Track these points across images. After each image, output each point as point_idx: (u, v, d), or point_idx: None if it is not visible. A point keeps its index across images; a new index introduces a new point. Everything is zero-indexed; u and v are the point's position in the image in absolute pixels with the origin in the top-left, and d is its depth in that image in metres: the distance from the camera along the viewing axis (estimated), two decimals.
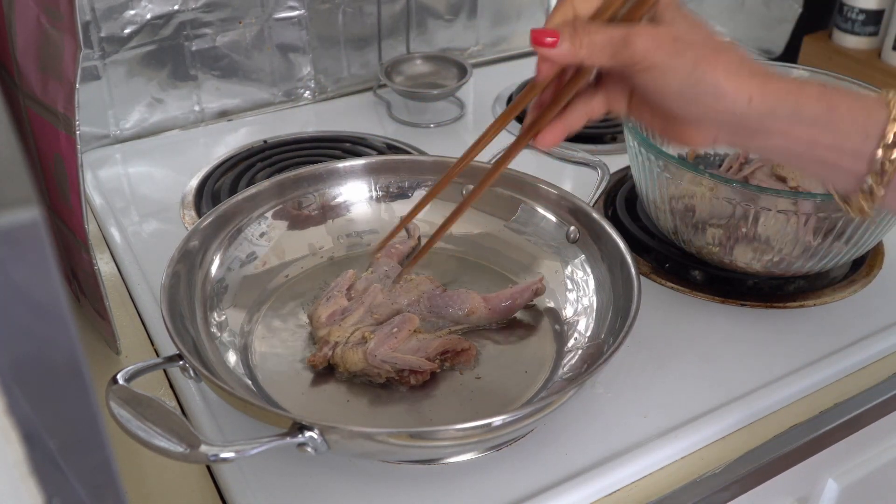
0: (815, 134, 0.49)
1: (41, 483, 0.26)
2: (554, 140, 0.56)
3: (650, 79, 0.49)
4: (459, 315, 0.69)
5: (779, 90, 0.49)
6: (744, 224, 0.72)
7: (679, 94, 0.49)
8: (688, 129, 0.52)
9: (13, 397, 0.25)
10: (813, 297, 0.78)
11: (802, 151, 0.50)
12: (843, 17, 1.18)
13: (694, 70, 0.48)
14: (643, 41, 0.48)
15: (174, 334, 0.59)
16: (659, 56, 0.48)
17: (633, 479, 0.62)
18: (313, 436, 0.52)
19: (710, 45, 0.49)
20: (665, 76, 0.49)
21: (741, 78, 0.48)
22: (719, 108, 0.49)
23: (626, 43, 0.49)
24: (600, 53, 0.49)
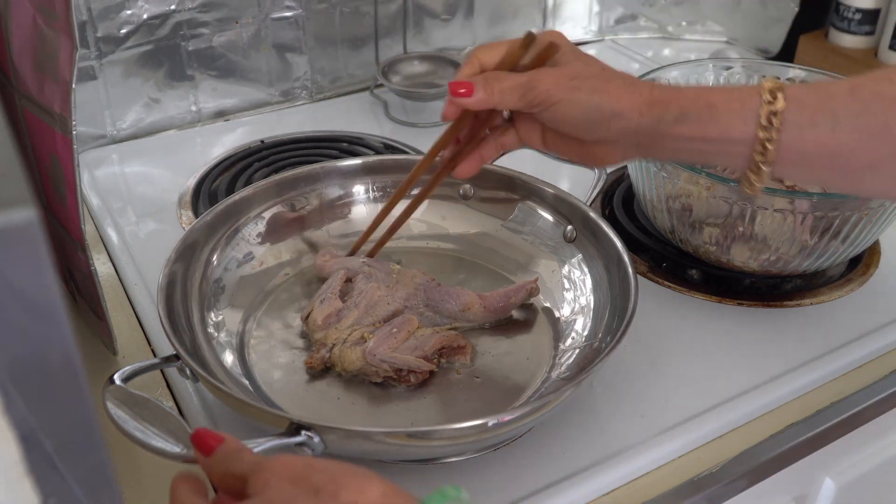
0: (702, 130, 0.55)
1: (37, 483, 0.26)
2: (471, 170, 0.64)
3: (556, 112, 0.56)
4: (455, 311, 0.69)
5: (661, 100, 0.55)
6: (740, 223, 0.72)
7: (583, 121, 0.56)
8: (598, 151, 0.59)
9: (9, 398, 0.25)
10: (809, 295, 0.78)
11: (699, 148, 0.56)
12: (840, 17, 1.18)
13: (590, 99, 0.55)
14: (546, 82, 0.56)
15: (171, 335, 0.59)
16: (561, 93, 0.56)
17: (630, 479, 0.62)
18: (311, 436, 0.52)
19: (603, 76, 0.57)
20: (569, 108, 0.56)
21: (631, 97, 0.55)
22: (618, 126, 0.56)
23: (531, 86, 0.56)
24: (510, 97, 0.57)
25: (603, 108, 0.55)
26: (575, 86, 0.56)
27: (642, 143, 0.57)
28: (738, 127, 0.54)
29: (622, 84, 0.56)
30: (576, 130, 0.57)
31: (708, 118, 0.54)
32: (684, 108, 0.55)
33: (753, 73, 0.88)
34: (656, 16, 1.33)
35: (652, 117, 0.55)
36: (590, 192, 0.78)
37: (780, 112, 0.53)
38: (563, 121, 0.57)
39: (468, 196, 0.80)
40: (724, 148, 0.55)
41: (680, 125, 0.55)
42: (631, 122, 0.55)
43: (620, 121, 0.55)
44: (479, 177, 0.80)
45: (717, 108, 0.54)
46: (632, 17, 1.34)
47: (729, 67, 0.89)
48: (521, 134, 0.62)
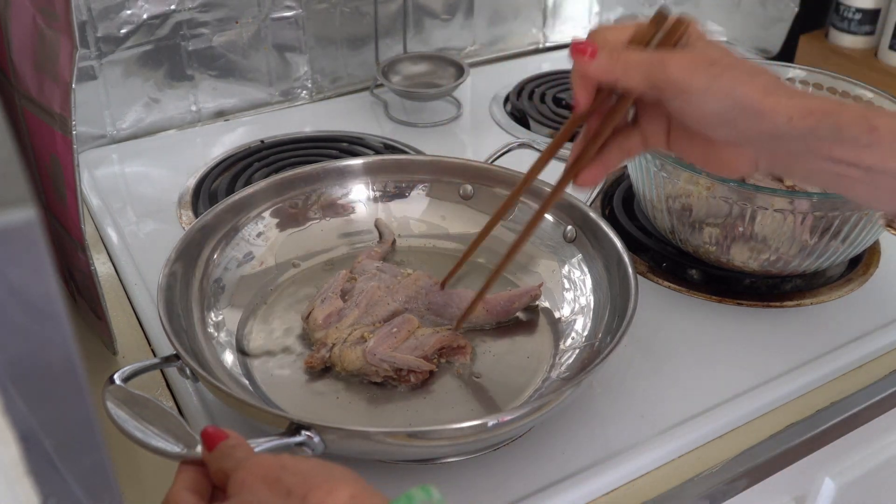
0: (856, 154, 0.48)
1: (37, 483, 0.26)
2: (594, 179, 0.55)
3: (687, 102, 0.49)
4: (458, 314, 0.69)
5: (818, 109, 0.48)
6: (740, 223, 0.72)
7: (718, 116, 0.49)
8: (728, 156, 0.52)
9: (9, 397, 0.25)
10: (809, 295, 0.78)
11: (846, 174, 0.49)
12: (840, 17, 1.18)
13: (732, 91, 0.48)
14: (680, 63, 0.48)
15: (171, 335, 0.59)
16: (696, 79, 0.48)
17: (630, 479, 0.62)
18: (311, 436, 0.52)
19: (746, 67, 0.49)
20: (703, 99, 0.48)
21: (780, 98, 0.48)
22: (759, 128, 0.48)
23: (663, 65, 0.48)
24: (636, 73, 0.49)
25: (746, 103, 0.47)
26: (715, 73, 0.48)
27: (784, 153, 0.50)
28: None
29: (769, 80, 0.48)
30: (708, 127, 0.50)
31: (867, 142, 0.47)
32: (842, 125, 0.47)
33: None
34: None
35: (803, 127, 0.47)
36: (590, 192, 0.78)
37: None
38: (696, 113, 0.49)
39: (468, 196, 0.80)
40: (878, 180, 0.48)
41: (834, 143, 0.48)
42: (777, 126, 0.48)
43: (764, 122, 0.48)
44: (479, 176, 0.80)
45: (879, 131, 0.47)
46: (632, 17, 1.34)
47: None
48: (647, 133, 0.54)
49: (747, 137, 0.49)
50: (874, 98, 0.81)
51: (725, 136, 0.50)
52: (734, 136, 0.50)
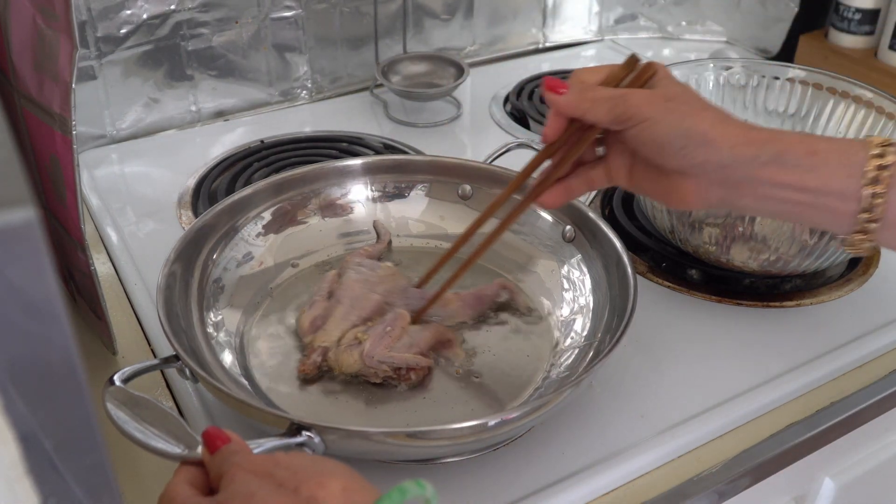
0: (799, 178, 0.51)
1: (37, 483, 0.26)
2: (555, 201, 0.61)
3: (643, 130, 0.54)
4: (435, 307, 0.70)
5: (760, 137, 0.52)
6: (740, 223, 0.72)
7: (669, 144, 0.53)
8: (682, 190, 0.56)
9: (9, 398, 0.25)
10: (809, 295, 0.78)
11: (793, 198, 0.52)
12: (840, 17, 1.18)
13: (682, 122, 0.53)
14: (639, 98, 0.54)
15: (171, 336, 0.59)
16: (651, 110, 0.53)
17: (630, 479, 0.62)
18: (311, 436, 0.52)
19: (698, 104, 0.54)
20: (657, 128, 0.53)
21: (725, 127, 0.53)
22: (706, 157, 0.53)
23: (624, 99, 0.54)
24: (601, 107, 0.54)
25: (693, 132, 0.52)
26: (669, 107, 0.53)
27: (729, 182, 0.53)
28: (840, 179, 0.50)
29: (717, 114, 0.54)
30: (661, 155, 0.54)
31: (808, 165, 0.51)
32: (782, 151, 0.51)
33: (753, 73, 0.88)
34: (656, 16, 1.33)
35: (746, 154, 0.52)
36: (589, 192, 0.78)
37: (890, 166, 0.49)
38: (650, 141, 0.54)
39: (467, 196, 0.80)
40: (822, 201, 0.51)
41: (775, 168, 0.51)
42: (721, 153, 0.52)
43: (710, 150, 0.52)
44: (478, 177, 0.80)
45: (818, 155, 0.51)
46: (632, 17, 1.34)
47: (729, 67, 0.89)
48: (611, 168, 0.59)
49: (696, 165, 0.53)
50: (874, 98, 0.82)
51: (677, 164, 0.54)
52: (684, 164, 0.54)
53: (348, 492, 0.40)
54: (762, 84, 0.88)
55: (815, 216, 0.53)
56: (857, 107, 0.83)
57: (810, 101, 0.86)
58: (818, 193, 0.51)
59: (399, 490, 0.38)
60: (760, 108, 0.89)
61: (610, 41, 1.33)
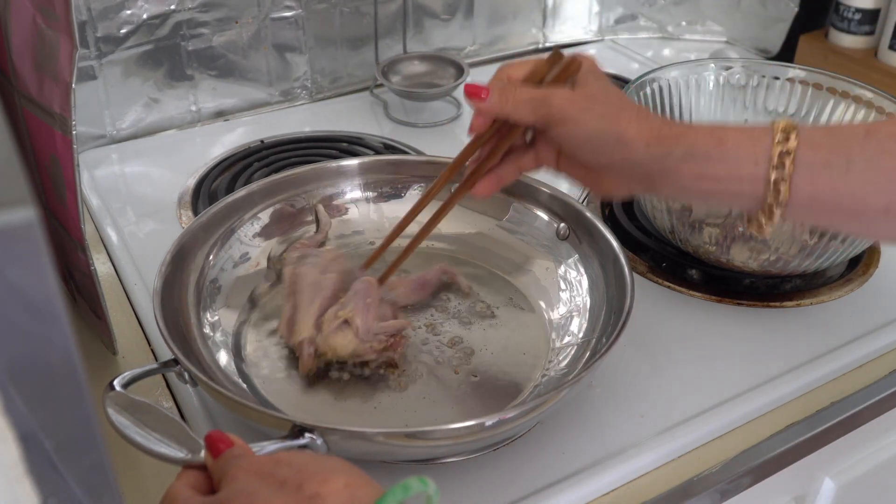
0: (711, 168, 0.54)
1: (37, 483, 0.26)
2: (488, 189, 0.63)
3: (564, 130, 0.56)
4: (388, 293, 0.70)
5: (671, 134, 0.55)
6: (740, 223, 0.72)
7: (588, 143, 0.56)
8: (605, 179, 0.58)
9: (9, 398, 0.25)
10: (809, 295, 0.78)
11: (706, 187, 0.55)
12: (840, 17, 1.18)
13: (599, 122, 0.55)
14: (559, 99, 0.56)
15: (170, 340, 0.59)
16: (571, 111, 0.55)
17: (629, 479, 0.62)
18: (314, 438, 0.52)
19: (617, 103, 0.56)
20: (576, 127, 0.55)
21: (639, 126, 0.55)
22: (623, 154, 0.55)
23: (545, 100, 0.56)
24: (523, 108, 0.56)
25: (608, 133, 0.55)
26: (586, 107, 0.55)
27: (647, 176, 0.56)
28: (747, 166, 0.53)
29: (633, 114, 0.56)
30: (581, 153, 0.57)
31: (717, 156, 0.53)
32: (693, 145, 0.54)
33: (753, 73, 0.88)
34: (656, 16, 1.33)
35: (659, 151, 0.54)
36: (583, 191, 0.78)
37: (791, 151, 0.52)
38: (570, 141, 0.56)
39: None
40: (733, 188, 0.54)
41: (687, 162, 0.54)
42: (636, 152, 0.55)
43: (625, 149, 0.55)
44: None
45: (726, 144, 0.54)
46: (632, 17, 1.34)
47: (729, 67, 0.89)
48: (539, 154, 0.61)
49: (614, 162, 0.56)
50: (874, 98, 0.82)
51: (597, 161, 0.57)
52: (604, 160, 0.56)
53: (351, 488, 0.40)
54: (762, 84, 0.88)
55: (727, 200, 0.58)
56: (857, 107, 0.83)
57: (810, 101, 0.86)
58: (730, 181, 0.54)
59: (402, 486, 0.39)
60: (760, 108, 0.89)
61: (610, 41, 1.33)
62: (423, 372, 0.66)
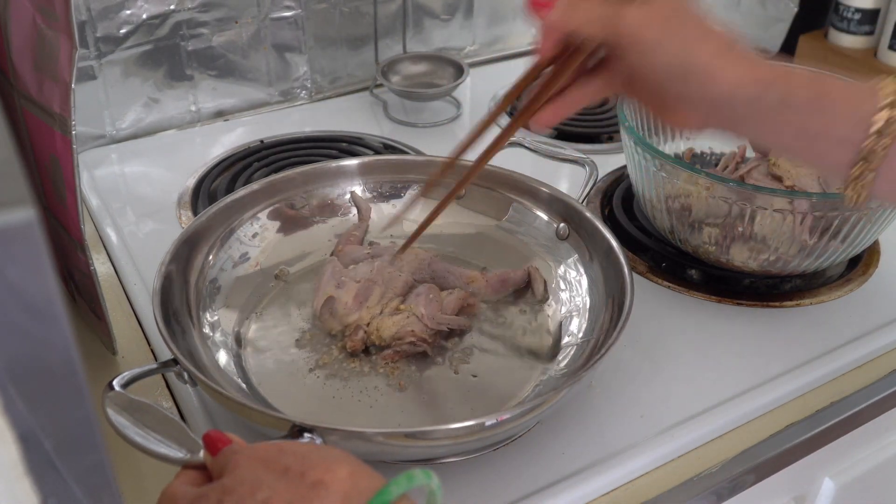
0: (803, 121, 0.49)
1: (37, 483, 0.26)
2: (552, 119, 0.56)
3: (639, 54, 0.50)
4: (459, 283, 0.72)
5: (767, 77, 0.49)
6: (740, 223, 0.72)
7: (666, 71, 0.50)
8: (678, 111, 0.53)
9: (9, 398, 0.25)
10: (809, 295, 0.78)
11: (791, 139, 0.50)
12: (839, 17, 1.18)
13: (682, 50, 0.49)
14: (635, 16, 0.49)
15: (169, 340, 0.59)
16: (649, 32, 0.49)
17: (629, 479, 0.62)
18: (313, 438, 0.52)
19: (701, 27, 0.50)
20: (654, 53, 0.49)
21: (729, 62, 0.49)
22: (706, 90, 0.49)
23: (618, 18, 0.50)
24: (593, 24, 0.50)
25: (693, 63, 0.49)
26: (668, 29, 0.49)
27: (731, 117, 0.51)
28: (845, 126, 0.48)
29: (723, 42, 0.49)
30: (655, 79, 0.51)
31: (815, 108, 0.48)
32: (790, 92, 0.49)
33: None
34: None
35: (751, 92, 0.49)
36: (582, 190, 0.78)
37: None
38: (644, 66, 0.50)
39: (461, 195, 0.80)
40: (823, 147, 0.50)
41: (781, 110, 0.49)
42: (724, 89, 0.49)
43: (710, 86, 0.49)
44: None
45: (825, 98, 0.48)
46: None
47: None
48: (608, 78, 0.54)
49: (694, 96, 0.50)
50: None
51: (673, 90, 0.51)
52: (682, 92, 0.50)
53: (354, 477, 0.40)
54: None
55: (812, 158, 0.52)
56: None
57: None
58: (818, 137, 0.49)
59: (407, 476, 0.39)
60: None
61: None
62: (422, 372, 0.67)
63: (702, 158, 0.90)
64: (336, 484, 0.39)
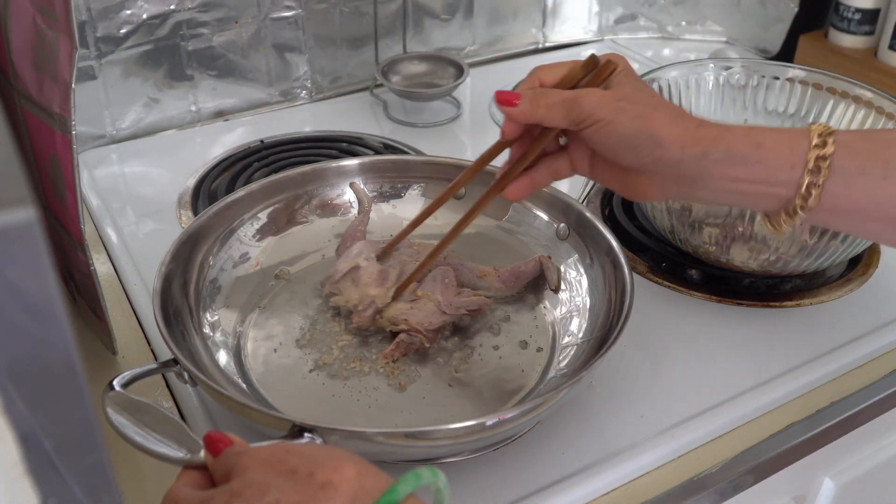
0: (748, 171, 0.53)
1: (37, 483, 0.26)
2: (521, 193, 0.61)
3: (597, 131, 0.55)
4: (472, 277, 0.73)
5: (708, 135, 0.54)
6: (740, 223, 0.72)
7: (622, 144, 0.54)
8: (639, 182, 0.57)
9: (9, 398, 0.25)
10: (809, 295, 0.78)
11: (742, 189, 0.54)
12: (839, 17, 1.18)
13: (633, 122, 0.54)
14: (590, 101, 0.55)
15: (169, 340, 0.59)
16: (603, 112, 0.54)
17: (630, 479, 0.62)
18: (313, 438, 0.52)
19: (650, 103, 0.55)
20: (609, 128, 0.54)
21: (675, 127, 0.54)
22: (658, 155, 0.54)
23: (577, 103, 0.55)
24: (555, 112, 0.56)
25: (643, 133, 0.54)
26: (620, 107, 0.54)
27: (683, 178, 0.55)
28: (784, 170, 0.52)
29: (668, 114, 0.55)
30: (615, 154, 0.56)
31: (755, 159, 0.53)
32: (731, 147, 0.53)
33: (753, 73, 0.88)
34: (656, 16, 1.33)
35: (696, 152, 0.53)
36: (582, 190, 0.78)
37: (828, 156, 0.51)
38: (604, 142, 0.55)
39: (460, 196, 0.80)
40: (767, 190, 0.54)
41: (725, 164, 0.53)
42: (672, 153, 0.53)
43: (661, 150, 0.53)
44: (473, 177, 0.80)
45: (764, 148, 0.53)
46: (631, 17, 1.34)
47: (729, 67, 0.89)
48: (573, 159, 0.60)
49: (649, 164, 0.55)
50: (874, 98, 0.82)
51: (631, 162, 0.55)
52: (638, 162, 0.55)
53: (362, 476, 0.41)
54: (762, 84, 0.88)
55: (759, 203, 0.56)
56: (856, 107, 0.83)
57: (810, 101, 0.86)
58: (766, 183, 0.53)
59: (414, 475, 0.39)
60: (760, 108, 0.89)
61: (610, 41, 1.33)
62: (422, 372, 0.67)
63: None
64: (344, 484, 0.40)
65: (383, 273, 0.70)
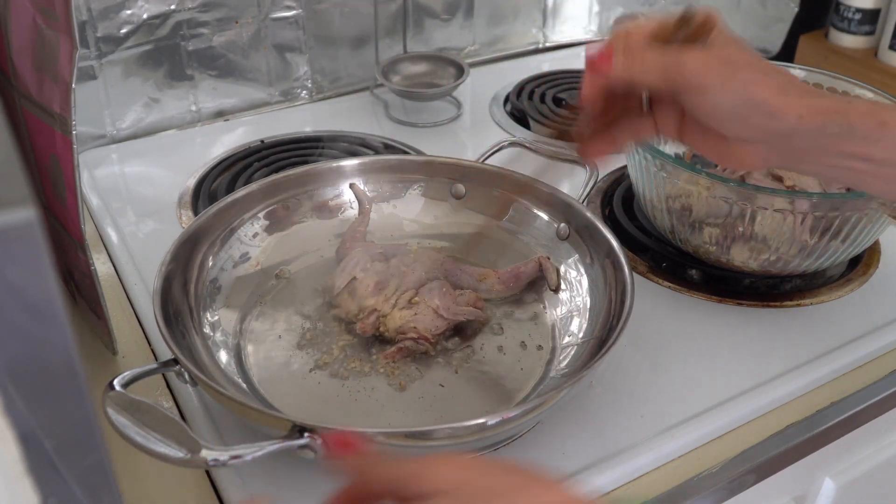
0: (867, 149, 0.50)
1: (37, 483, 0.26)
2: (599, 152, 0.57)
3: (702, 100, 0.50)
4: (472, 281, 0.73)
5: (829, 108, 0.50)
6: (740, 223, 0.72)
7: (730, 114, 0.50)
8: (739, 151, 0.53)
9: (9, 397, 0.25)
10: (809, 295, 0.78)
11: (856, 167, 0.51)
12: (840, 17, 1.18)
13: (744, 90, 0.49)
14: (694, 63, 0.50)
15: (169, 340, 0.59)
16: (710, 78, 0.49)
17: (630, 479, 0.62)
18: (313, 438, 0.52)
19: (760, 67, 0.50)
20: (717, 97, 0.50)
21: (791, 97, 0.49)
22: (770, 127, 0.50)
23: (678, 65, 0.50)
24: (653, 74, 0.51)
25: (758, 103, 0.49)
26: (729, 72, 0.49)
27: (792, 150, 0.51)
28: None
29: (784, 81, 0.50)
30: (721, 124, 0.51)
31: (877, 137, 0.49)
32: (853, 122, 0.49)
33: None
34: (656, 16, 1.33)
35: (814, 125, 0.49)
36: (582, 190, 0.78)
37: None
38: (710, 111, 0.50)
39: (460, 195, 0.80)
40: (885, 172, 0.50)
41: (845, 140, 0.50)
42: (787, 125, 0.49)
43: (775, 121, 0.49)
44: (471, 175, 0.80)
45: (889, 127, 0.49)
46: (631, 17, 1.34)
47: None
48: (659, 121, 0.55)
49: (759, 134, 0.51)
50: (874, 98, 0.81)
51: (738, 132, 0.51)
52: (746, 132, 0.51)
53: None
54: None
55: (876, 184, 0.52)
56: None
57: None
58: (883, 164, 0.50)
59: None
60: None
61: None
62: (422, 372, 0.67)
63: (702, 158, 0.90)
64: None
65: (380, 284, 0.70)
